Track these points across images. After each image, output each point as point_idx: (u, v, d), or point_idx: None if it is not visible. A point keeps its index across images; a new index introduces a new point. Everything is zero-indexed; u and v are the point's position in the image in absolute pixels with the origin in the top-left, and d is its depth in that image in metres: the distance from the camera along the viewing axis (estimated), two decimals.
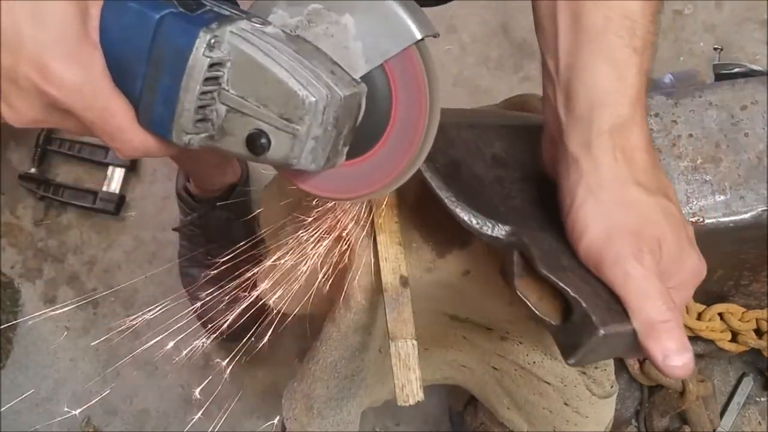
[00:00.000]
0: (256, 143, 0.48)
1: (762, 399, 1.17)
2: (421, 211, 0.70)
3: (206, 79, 0.47)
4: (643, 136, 0.58)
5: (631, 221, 0.55)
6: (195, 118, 0.48)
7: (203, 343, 1.68)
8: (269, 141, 0.48)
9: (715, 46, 1.75)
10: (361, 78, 0.52)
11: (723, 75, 0.91)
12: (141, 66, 0.48)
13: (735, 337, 1.01)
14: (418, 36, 0.51)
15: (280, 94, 0.47)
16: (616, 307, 0.54)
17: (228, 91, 0.48)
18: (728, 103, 0.82)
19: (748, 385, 1.15)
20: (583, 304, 0.52)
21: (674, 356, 0.53)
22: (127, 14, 0.48)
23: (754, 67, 0.90)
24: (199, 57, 0.47)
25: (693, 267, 0.59)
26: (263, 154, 0.49)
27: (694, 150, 0.81)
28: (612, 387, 0.80)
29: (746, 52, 1.88)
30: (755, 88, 0.83)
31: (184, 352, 1.68)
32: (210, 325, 1.63)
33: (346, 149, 0.53)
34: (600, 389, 0.79)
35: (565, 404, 0.81)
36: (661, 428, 1.13)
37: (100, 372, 1.66)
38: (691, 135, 0.82)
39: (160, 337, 1.70)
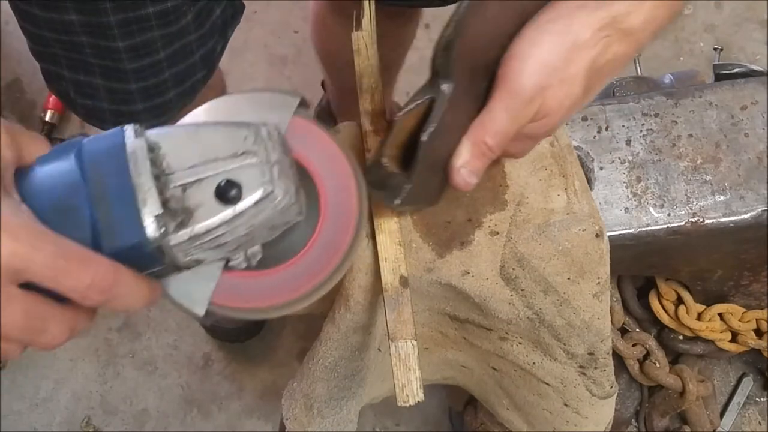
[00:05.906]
0: (227, 194, 0.45)
1: (762, 399, 1.17)
2: (420, 211, 0.70)
3: (150, 162, 0.45)
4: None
5: (552, 57, 0.54)
6: (160, 200, 0.44)
7: (203, 343, 1.68)
8: (239, 184, 0.45)
9: (715, 46, 1.75)
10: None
11: (723, 75, 0.91)
12: (81, 193, 0.44)
13: (735, 337, 1.01)
14: (296, 100, 0.54)
15: (223, 139, 0.46)
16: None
17: (174, 173, 0.45)
18: (728, 103, 0.82)
19: (748, 385, 1.15)
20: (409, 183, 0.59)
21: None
22: (46, 167, 0.45)
23: (754, 67, 0.90)
24: (134, 140, 0.45)
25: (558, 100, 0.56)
26: (239, 199, 0.45)
27: (694, 150, 0.81)
28: (612, 387, 0.80)
29: (746, 52, 1.89)
30: (755, 88, 0.83)
31: (184, 352, 1.68)
32: (209, 325, 1.64)
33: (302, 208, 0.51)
34: (600, 390, 0.79)
35: (565, 405, 0.81)
36: (661, 428, 1.13)
37: (100, 372, 1.66)
38: (691, 135, 0.82)
39: (160, 337, 1.71)
